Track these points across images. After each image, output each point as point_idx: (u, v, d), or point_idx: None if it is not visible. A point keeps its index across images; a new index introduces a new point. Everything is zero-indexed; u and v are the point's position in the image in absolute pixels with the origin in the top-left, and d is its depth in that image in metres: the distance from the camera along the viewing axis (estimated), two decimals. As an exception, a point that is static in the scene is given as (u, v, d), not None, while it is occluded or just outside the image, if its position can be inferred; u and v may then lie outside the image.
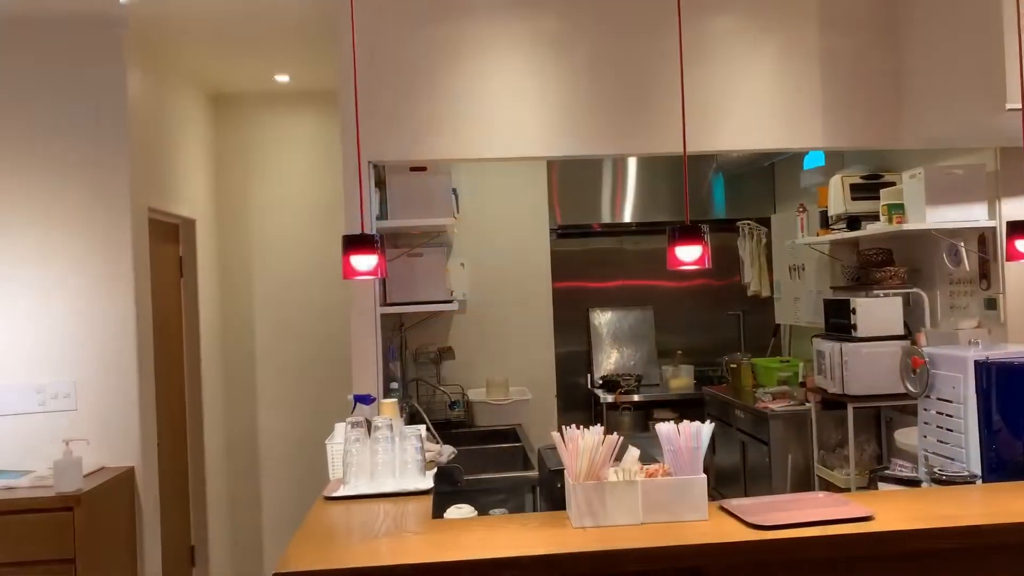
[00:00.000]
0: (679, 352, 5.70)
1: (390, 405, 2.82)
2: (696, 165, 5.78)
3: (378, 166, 3.41)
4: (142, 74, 3.70)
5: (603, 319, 5.90)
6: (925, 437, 2.78)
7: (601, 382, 5.66)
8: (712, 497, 2.16)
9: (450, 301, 3.68)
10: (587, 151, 3.35)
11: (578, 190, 5.72)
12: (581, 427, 2.17)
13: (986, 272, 3.61)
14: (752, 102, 3.41)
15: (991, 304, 3.58)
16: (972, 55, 2.95)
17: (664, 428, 2.17)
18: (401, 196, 3.51)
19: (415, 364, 4.55)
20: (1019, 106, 2.72)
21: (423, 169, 3.55)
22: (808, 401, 4.33)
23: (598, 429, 2.16)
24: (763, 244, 5.52)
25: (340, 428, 2.71)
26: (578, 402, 5.83)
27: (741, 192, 5.85)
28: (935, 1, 3.19)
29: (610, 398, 5.42)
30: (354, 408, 2.92)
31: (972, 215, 3.51)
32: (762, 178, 5.88)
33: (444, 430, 4.06)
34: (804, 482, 4.34)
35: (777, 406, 4.44)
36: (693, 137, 3.33)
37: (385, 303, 3.64)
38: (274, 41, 3.91)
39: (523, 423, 4.36)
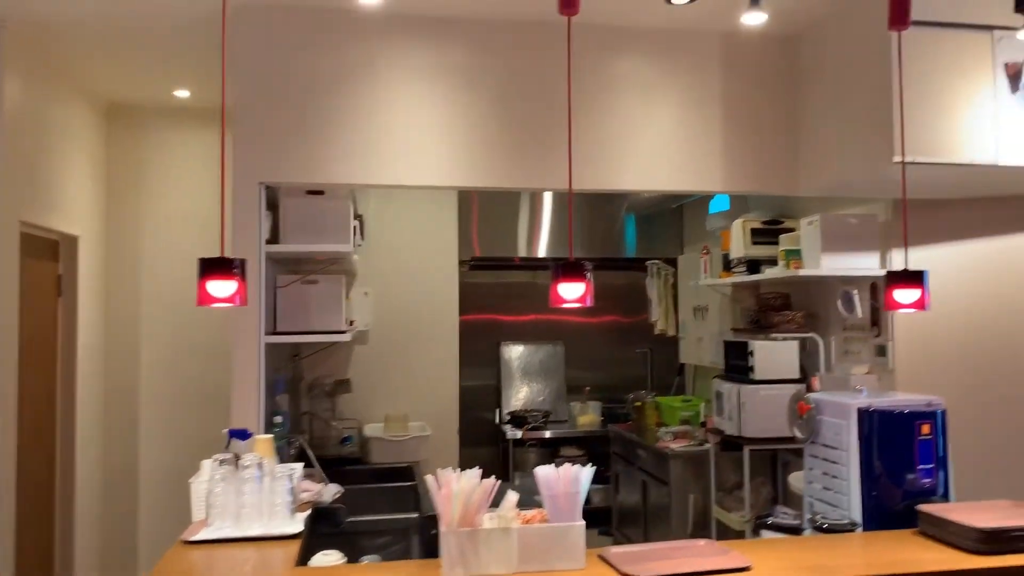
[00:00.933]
0: (587, 388, 5.69)
1: (265, 442, 2.64)
2: (607, 204, 5.82)
3: (271, 187, 3.26)
4: (23, 79, 3.46)
5: (514, 353, 5.85)
6: (811, 483, 2.78)
7: (509, 417, 5.57)
8: (613, 538, 2.07)
9: (343, 332, 3.52)
10: (489, 183, 3.29)
11: (497, 223, 5.67)
12: (457, 470, 2.06)
13: (877, 319, 3.67)
14: (654, 144, 3.43)
15: (881, 351, 3.65)
16: (864, 109, 3.04)
17: (542, 472, 2.08)
18: (295, 220, 3.37)
19: (309, 397, 4.35)
20: (908, 159, 2.80)
21: (320, 193, 3.41)
22: (708, 442, 4.32)
23: (475, 473, 2.05)
24: (670, 284, 5.57)
25: (207, 465, 2.52)
26: (486, 437, 5.73)
27: (651, 232, 5.91)
28: (832, 56, 3.28)
29: (518, 434, 5.34)
30: (228, 443, 2.73)
31: (864, 264, 3.58)
32: (671, 219, 5.96)
33: (336, 467, 3.88)
34: (703, 523, 4.32)
35: (677, 446, 4.43)
36: (594, 175, 3.34)
37: (275, 331, 3.47)
38: (170, 55, 3.74)
39: (422, 460, 4.21)
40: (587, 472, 2.09)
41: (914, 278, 2.12)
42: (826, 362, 3.95)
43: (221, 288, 1.81)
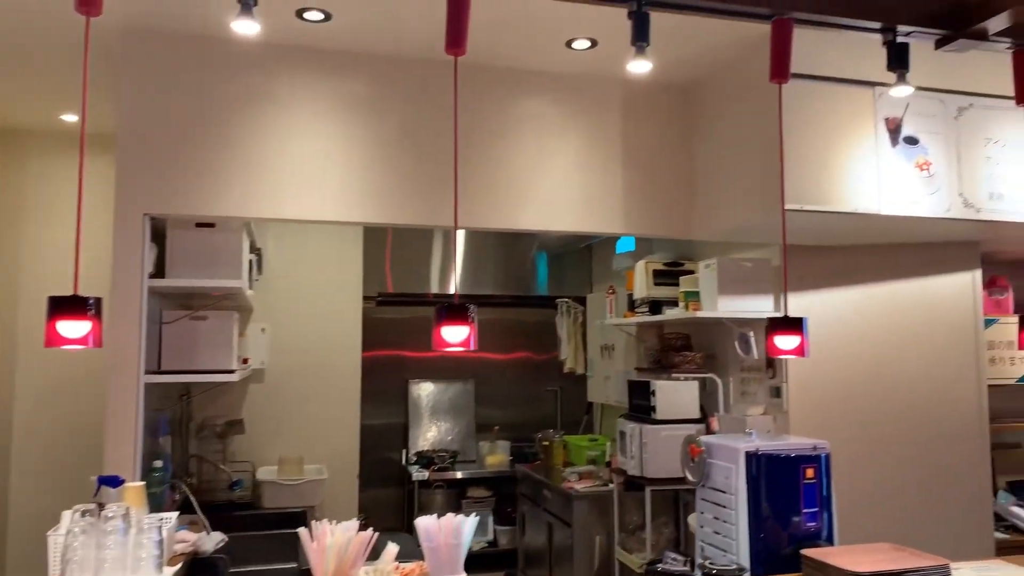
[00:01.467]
0: (496, 428, 5.65)
1: (134, 490, 2.48)
2: (519, 242, 5.86)
3: (157, 219, 3.11)
4: None
5: (423, 391, 5.76)
6: (702, 527, 2.78)
7: (416, 458, 5.48)
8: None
9: (233, 371, 3.37)
10: (386, 219, 3.22)
11: (411, 259, 5.65)
12: (333, 522, 1.96)
13: (772, 361, 3.74)
14: (556, 185, 3.43)
15: (776, 392, 3.71)
16: (754, 159, 3.13)
17: (423, 523, 2.00)
18: (182, 253, 3.22)
19: (198, 438, 4.14)
20: (796, 207, 2.88)
21: (211, 226, 3.28)
22: (612, 482, 4.30)
23: (351, 524, 1.96)
24: (579, 322, 5.60)
25: (66, 516, 2.34)
26: (391, 479, 5.62)
27: (562, 271, 5.97)
28: (724, 106, 3.37)
29: (424, 475, 5.26)
30: (97, 491, 2.55)
31: (759, 306, 3.65)
32: (581, 258, 6.01)
33: (226, 512, 3.70)
34: (606, 565, 4.28)
35: (582, 486, 4.40)
36: (495, 214, 3.32)
37: (158, 370, 3.29)
38: (57, 78, 3.55)
39: (318, 505, 4.06)
40: (470, 523, 2.02)
41: (793, 325, 2.16)
42: (725, 402, 4.00)
43: (73, 328, 1.69)
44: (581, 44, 3.17)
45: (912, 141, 3.10)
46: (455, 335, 1.89)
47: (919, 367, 3.59)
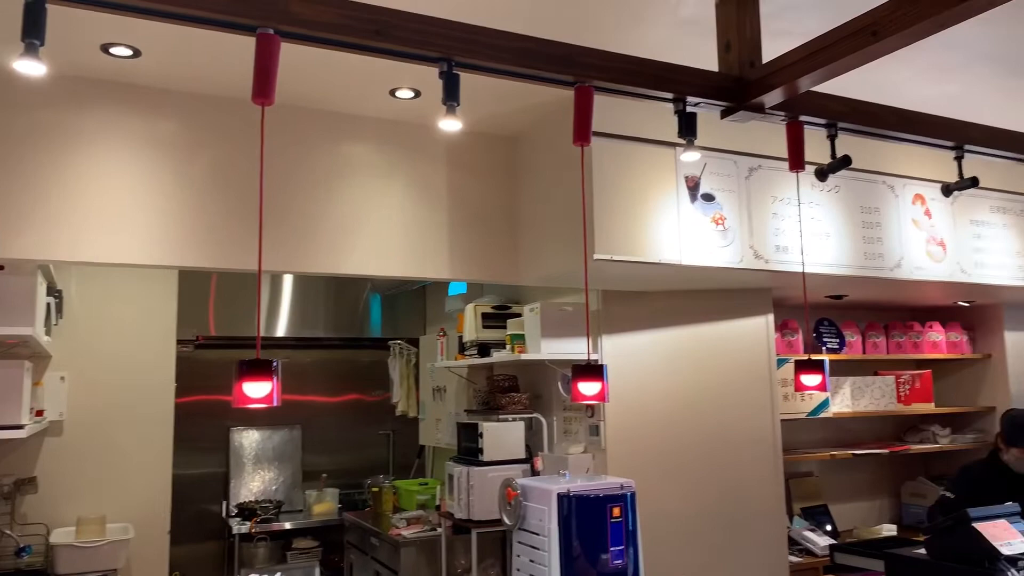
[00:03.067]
0: (324, 475, 5.53)
1: None
2: (352, 284, 5.82)
3: (-68, 261, 2.85)
4: None
5: (246, 439, 5.56)
6: (518, 571, 2.87)
7: (237, 510, 5.26)
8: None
9: (21, 426, 3.12)
10: (196, 263, 3.11)
11: (235, 301, 5.47)
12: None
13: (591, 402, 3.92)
14: (383, 229, 3.45)
15: (595, 431, 3.88)
16: (566, 210, 3.31)
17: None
18: (-37, 299, 2.96)
19: (-20, 500, 3.77)
20: (605, 257, 3.07)
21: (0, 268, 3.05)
22: (440, 526, 4.31)
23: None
24: (412, 364, 5.62)
25: None
26: (210, 533, 5.36)
27: (395, 312, 5.99)
28: (541, 159, 3.56)
29: (245, 528, 5.05)
30: None
31: (578, 348, 3.82)
32: (414, 300, 6.05)
33: (10, 582, 3.38)
34: (435, 612, 4.28)
35: (410, 532, 4.38)
36: (317, 258, 3.30)
37: (-70, 427, 2.99)
38: None
39: (123, 567, 3.79)
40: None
41: (594, 371, 2.32)
42: (549, 441, 4.15)
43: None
44: (404, 93, 3.25)
45: (709, 198, 3.40)
46: (257, 391, 1.87)
47: (721, 405, 3.87)
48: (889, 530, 4.32)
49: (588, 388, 2.31)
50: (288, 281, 5.76)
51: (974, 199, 4.01)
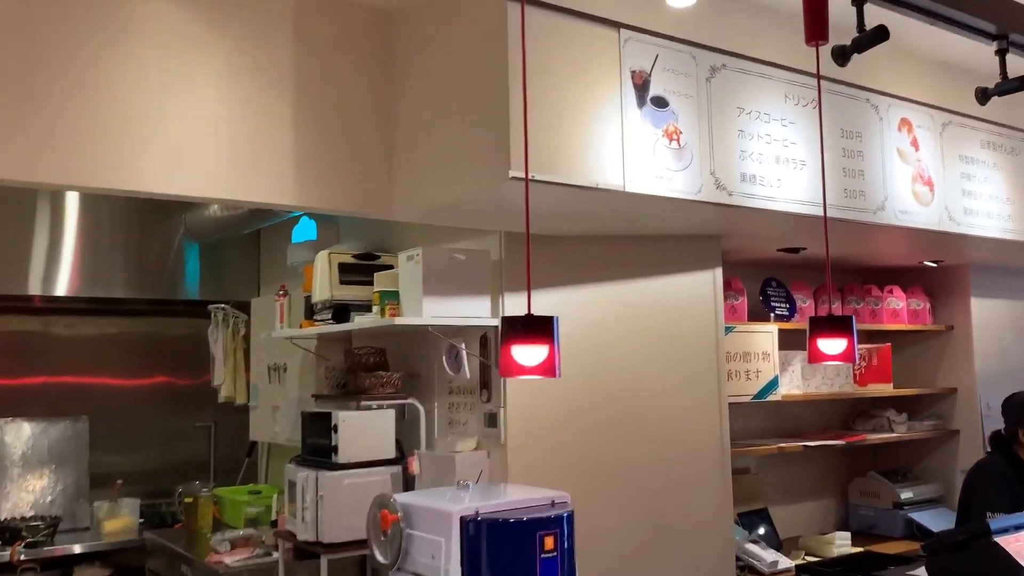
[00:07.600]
0: (120, 481, 4.88)
1: None
2: (160, 228, 5.24)
3: None
4: None
5: (11, 434, 4.91)
6: (398, 629, 2.13)
7: (-5, 531, 4.71)
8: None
9: None
10: None
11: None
12: None
13: (487, 381, 3.42)
14: (193, 129, 2.72)
15: (492, 420, 3.40)
16: (475, 113, 2.73)
17: None
18: None
19: None
20: (527, 176, 2.38)
21: None
22: (277, 549, 3.79)
23: None
24: (241, 336, 5.07)
25: None
26: (-44, 565, 4.80)
27: (219, 267, 5.47)
28: (437, 40, 2.92)
29: (5, 555, 4.45)
30: None
31: (474, 310, 3.31)
32: (245, 250, 5.52)
33: None
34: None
35: (234, 559, 3.86)
36: (97, 166, 2.57)
37: None
38: None
39: None
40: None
41: (539, 328, 1.57)
42: (428, 436, 3.69)
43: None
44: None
45: (661, 103, 2.83)
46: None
47: (656, 387, 3.43)
48: (843, 539, 3.95)
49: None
50: (72, 220, 5.00)
51: (964, 129, 3.71)
